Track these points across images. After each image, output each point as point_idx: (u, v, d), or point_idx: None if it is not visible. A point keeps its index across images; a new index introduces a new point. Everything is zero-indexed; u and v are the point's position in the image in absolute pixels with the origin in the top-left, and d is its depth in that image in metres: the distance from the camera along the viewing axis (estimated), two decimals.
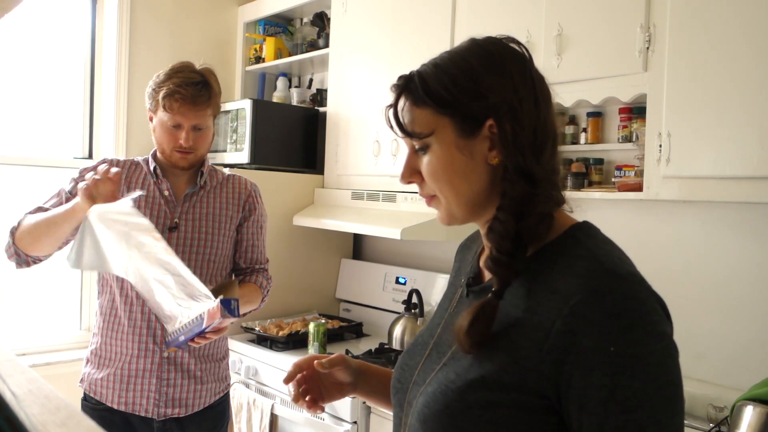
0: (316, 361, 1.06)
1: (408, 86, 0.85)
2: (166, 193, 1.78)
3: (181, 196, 1.80)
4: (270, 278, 1.93)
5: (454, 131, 0.83)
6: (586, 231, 0.85)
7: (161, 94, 1.70)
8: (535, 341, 0.76)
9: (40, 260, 1.71)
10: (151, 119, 1.79)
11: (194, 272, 1.74)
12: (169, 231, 1.75)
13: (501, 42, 0.87)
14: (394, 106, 0.86)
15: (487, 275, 0.90)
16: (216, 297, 1.43)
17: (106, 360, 1.75)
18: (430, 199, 0.89)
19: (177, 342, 1.49)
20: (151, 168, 1.79)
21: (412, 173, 0.88)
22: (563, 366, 0.74)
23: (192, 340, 1.48)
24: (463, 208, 0.86)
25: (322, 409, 1.09)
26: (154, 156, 1.82)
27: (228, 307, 1.43)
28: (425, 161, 0.86)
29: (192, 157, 1.77)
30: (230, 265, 1.88)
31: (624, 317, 0.73)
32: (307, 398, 1.07)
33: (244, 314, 1.83)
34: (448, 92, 0.82)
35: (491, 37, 0.87)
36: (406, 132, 0.86)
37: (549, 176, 0.83)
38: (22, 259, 1.67)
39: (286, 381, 1.08)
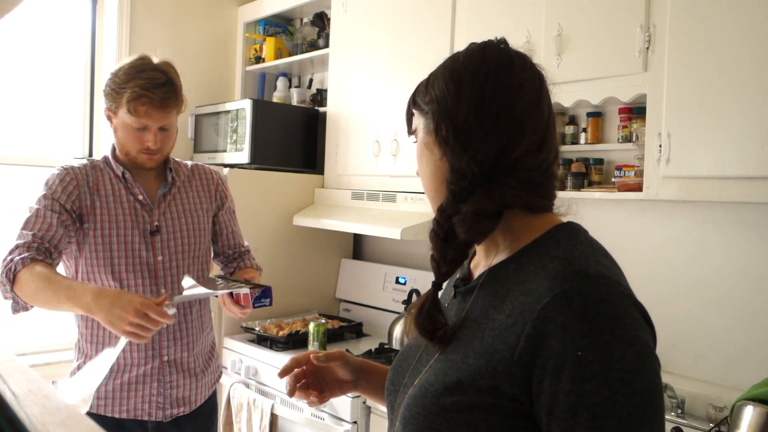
0: (312, 355, 1.07)
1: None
2: (141, 197, 1.72)
3: (154, 197, 1.76)
4: (254, 257, 1.98)
5: (423, 130, 0.89)
6: (568, 232, 0.83)
7: (125, 98, 1.62)
8: (508, 344, 0.75)
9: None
10: (109, 119, 1.70)
11: (181, 270, 1.75)
12: (151, 235, 1.71)
13: (479, 45, 0.88)
14: (407, 108, 0.95)
15: (476, 276, 0.90)
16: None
17: None
18: None
19: (195, 291, 1.59)
20: (119, 173, 1.72)
21: None
22: (533, 370, 0.72)
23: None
24: (432, 203, 0.91)
25: (323, 402, 1.10)
26: (116, 158, 1.74)
27: (269, 294, 1.61)
28: None
29: (159, 156, 1.73)
30: (211, 257, 1.90)
31: (592, 320, 0.71)
32: (308, 391, 1.08)
33: None
34: (419, 95, 0.91)
35: (486, 41, 0.88)
36: (408, 129, 0.95)
37: (491, 175, 0.82)
38: (21, 306, 1.57)
39: (281, 375, 1.08)
